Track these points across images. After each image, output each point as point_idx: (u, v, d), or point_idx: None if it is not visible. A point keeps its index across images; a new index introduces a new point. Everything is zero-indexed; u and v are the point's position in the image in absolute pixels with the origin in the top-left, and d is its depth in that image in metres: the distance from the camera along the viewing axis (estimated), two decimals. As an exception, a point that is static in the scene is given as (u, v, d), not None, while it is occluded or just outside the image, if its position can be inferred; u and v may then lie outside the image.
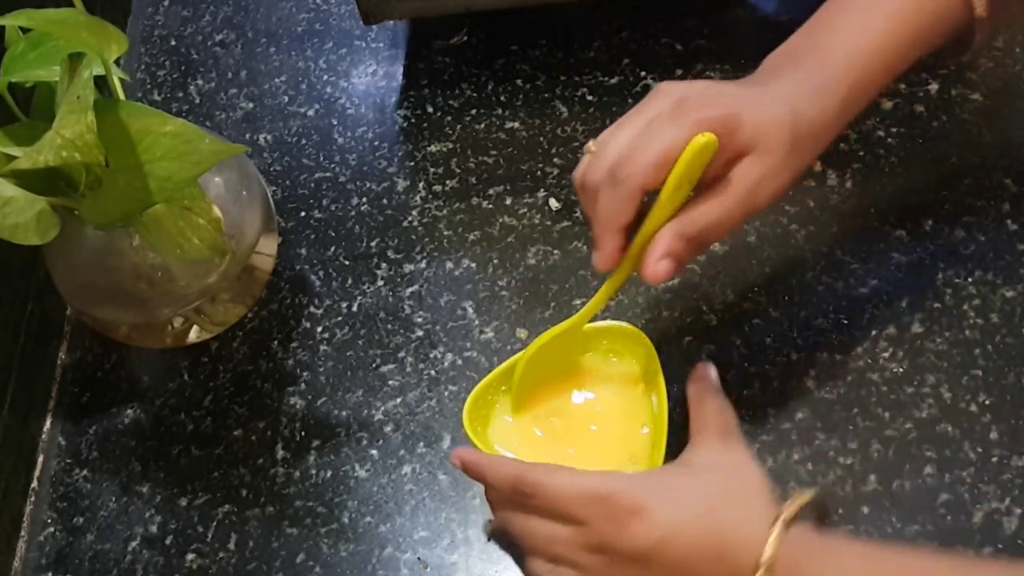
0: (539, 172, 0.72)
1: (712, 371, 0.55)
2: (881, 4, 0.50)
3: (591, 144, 0.51)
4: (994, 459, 0.58)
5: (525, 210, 0.70)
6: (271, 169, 0.75)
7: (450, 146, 0.74)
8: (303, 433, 0.65)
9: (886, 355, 0.62)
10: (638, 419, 0.59)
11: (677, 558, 0.45)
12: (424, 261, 0.70)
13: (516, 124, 0.74)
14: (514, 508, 0.51)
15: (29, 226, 0.53)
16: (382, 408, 0.65)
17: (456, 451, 0.54)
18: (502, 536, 0.52)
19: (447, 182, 0.73)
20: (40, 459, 0.67)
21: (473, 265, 0.69)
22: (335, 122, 0.77)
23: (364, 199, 0.73)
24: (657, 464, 0.54)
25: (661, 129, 0.47)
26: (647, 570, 0.46)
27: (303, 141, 0.76)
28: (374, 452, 0.64)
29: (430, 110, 0.76)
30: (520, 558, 0.53)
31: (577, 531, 0.47)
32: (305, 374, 0.67)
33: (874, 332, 0.63)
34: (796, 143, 0.48)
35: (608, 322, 0.60)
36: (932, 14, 0.50)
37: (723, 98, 0.49)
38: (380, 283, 0.70)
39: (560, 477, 0.49)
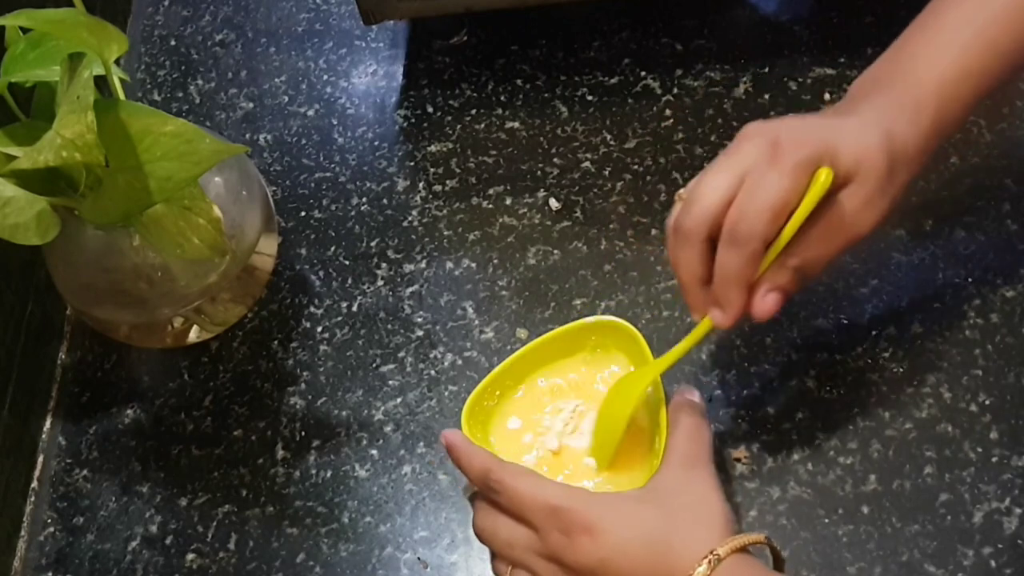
0: (539, 172, 0.72)
1: (694, 395, 0.55)
2: (967, 24, 0.50)
3: (682, 192, 0.51)
4: (994, 459, 0.58)
5: (525, 210, 0.70)
6: (271, 169, 0.75)
7: (450, 146, 0.74)
8: (303, 433, 0.65)
9: (886, 355, 0.62)
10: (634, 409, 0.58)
11: None
12: (424, 261, 0.70)
13: (516, 124, 0.74)
14: (484, 502, 0.52)
15: (29, 226, 0.53)
16: (382, 408, 0.65)
17: (445, 432, 0.54)
18: (477, 532, 0.53)
19: (447, 182, 0.73)
20: (40, 459, 0.67)
21: (473, 265, 0.69)
22: (335, 122, 0.77)
23: (364, 199, 0.73)
24: (657, 459, 0.54)
25: (764, 178, 0.47)
26: None
27: (303, 141, 0.76)
28: (374, 452, 0.64)
29: (430, 110, 0.76)
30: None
31: (534, 536, 0.49)
32: (305, 374, 0.67)
33: (874, 332, 0.63)
34: (892, 167, 0.48)
35: (594, 318, 0.60)
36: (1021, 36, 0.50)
37: (815, 133, 0.48)
38: (380, 283, 0.70)
39: (524, 480, 0.50)
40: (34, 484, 0.66)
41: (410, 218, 0.72)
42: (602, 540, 0.47)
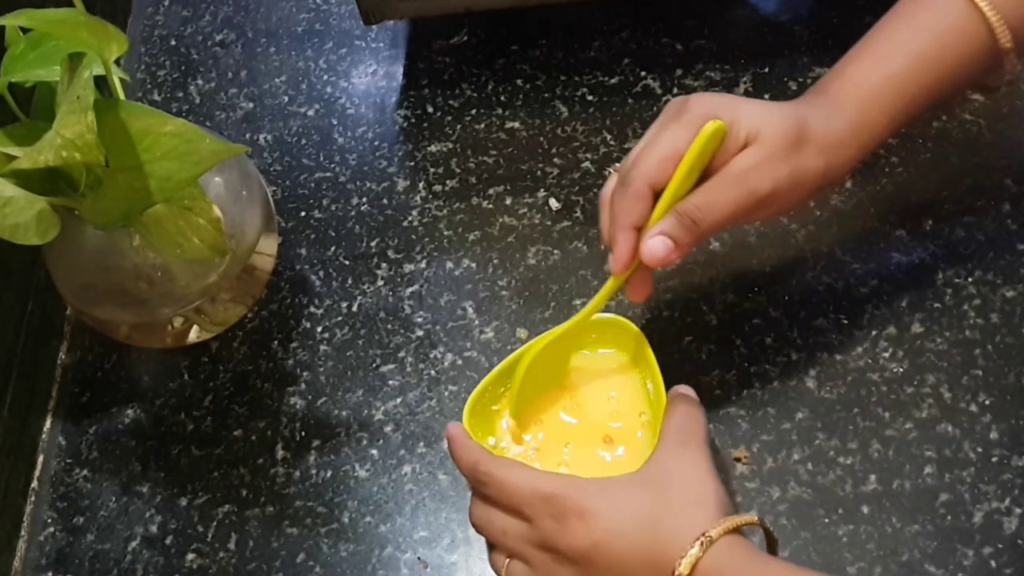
0: (539, 172, 0.72)
1: (689, 390, 0.56)
2: (903, 43, 0.53)
3: (615, 166, 0.54)
4: (994, 459, 0.58)
5: (525, 210, 0.70)
6: (271, 169, 0.75)
7: (450, 146, 0.74)
8: (303, 433, 0.65)
9: (886, 355, 0.62)
10: (635, 407, 0.59)
11: (612, 562, 0.47)
12: (424, 261, 0.70)
13: (516, 124, 0.74)
14: (478, 496, 0.53)
15: (29, 226, 0.52)
16: (382, 408, 0.65)
17: (449, 425, 0.55)
18: (473, 524, 0.54)
19: (447, 182, 0.73)
20: (40, 459, 0.67)
21: (473, 265, 0.69)
22: (335, 122, 0.77)
23: (364, 199, 0.73)
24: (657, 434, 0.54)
25: (665, 129, 0.51)
26: (586, 570, 0.48)
27: (303, 141, 0.76)
28: (374, 452, 0.64)
29: (430, 110, 0.76)
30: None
31: (526, 526, 0.49)
32: (305, 374, 0.67)
33: (874, 332, 0.63)
34: (798, 141, 0.50)
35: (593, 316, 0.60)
36: (958, 54, 0.52)
37: (723, 99, 0.51)
38: (380, 283, 0.70)
39: (514, 472, 0.50)
40: (34, 484, 0.66)
41: (410, 218, 0.72)
42: (594, 523, 0.47)
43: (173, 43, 0.83)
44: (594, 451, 0.58)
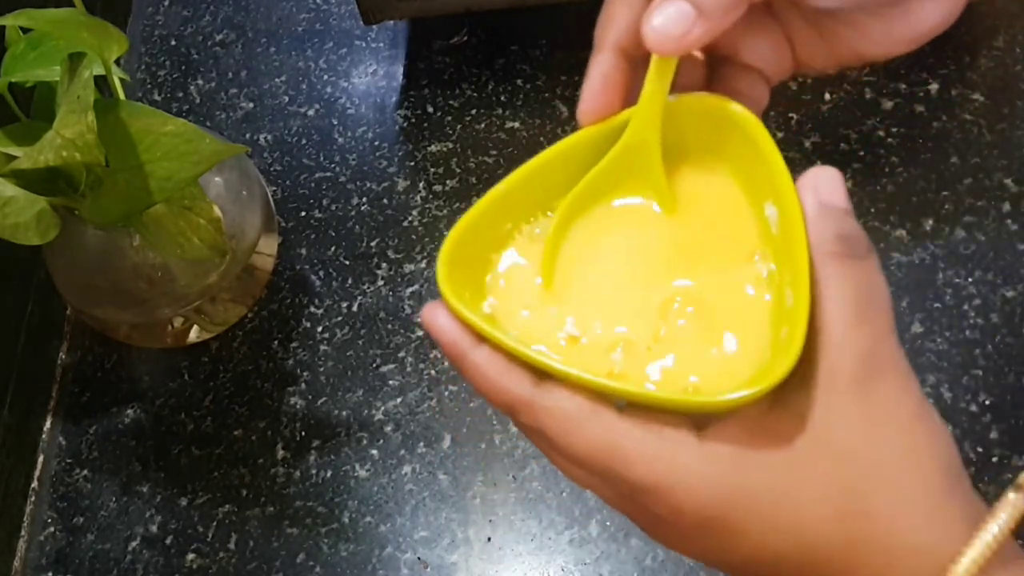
0: (539, 172, 0.72)
1: (835, 185, 0.32)
2: None
3: None
4: (994, 459, 0.58)
5: (525, 210, 0.70)
6: (271, 169, 0.75)
7: (450, 146, 0.74)
8: (303, 433, 0.65)
9: (886, 355, 0.62)
10: (742, 249, 0.33)
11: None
12: (424, 261, 0.70)
13: (516, 124, 0.74)
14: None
15: (29, 226, 0.52)
16: (382, 408, 0.65)
17: (426, 309, 0.33)
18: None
19: (447, 182, 0.73)
20: (40, 459, 0.67)
21: (473, 265, 0.69)
22: (335, 122, 0.77)
23: (364, 199, 0.73)
24: (798, 342, 0.28)
25: None
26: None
27: (303, 141, 0.76)
28: (374, 452, 0.64)
29: (430, 110, 0.76)
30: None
31: (606, 487, 0.31)
32: (305, 374, 0.67)
33: (874, 332, 0.63)
34: None
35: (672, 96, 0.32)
36: None
37: None
38: (380, 283, 0.70)
39: (585, 433, 0.29)
40: (34, 484, 0.66)
41: (410, 218, 0.72)
42: (733, 543, 0.29)
43: (173, 43, 0.83)
44: (686, 342, 0.32)
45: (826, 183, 0.31)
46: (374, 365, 0.67)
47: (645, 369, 0.31)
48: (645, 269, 0.33)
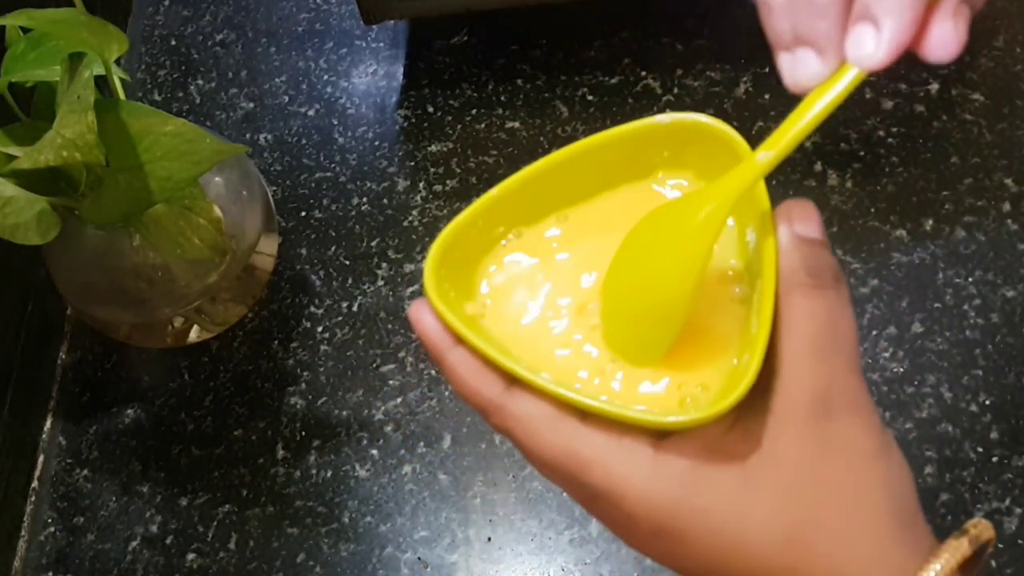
0: (539, 172, 0.72)
1: (811, 221, 0.31)
2: None
3: None
4: (994, 459, 0.58)
5: (525, 210, 0.70)
6: (271, 169, 0.75)
7: (450, 146, 0.74)
8: (303, 433, 0.65)
9: (886, 355, 0.62)
10: (724, 281, 0.34)
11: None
12: (424, 261, 0.70)
13: (516, 124, 0.74)
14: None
15: (29, 226, 0.53)
16: (382, 408, 0.65)
17: (412, 307, 0.36)
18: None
19: (447, 182, 0.73)
20: (40, 459, 0.67)
21: (473, 265, 0.69)
22: (335, 122, 0.77)
23: (364, 199, 0.73)
24: (752, 373, 0.29)
25: None
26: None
27: (303, 141, 0.76)
28: (374, 452, 0.64)
29: (430, 110, 0.76)
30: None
31: (572, 490, 0.32)
32: (305, 374, 0.67)
33: (874, 332, 0.63)
34: None
35: (669, 116, 0.33)
36: None
37: None
38: (380, 283, 0.70)
39: (548, 437, 0.30)
40: (34, 484, 0.66)
41: (410, 218, 0.72)
42: (683, 552, 0.29)
43: (173, 43, 0.83)
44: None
45: (801, 214, 0.31)
46: (374, 365, 0.67)
47: (637, 386, 0.32)
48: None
